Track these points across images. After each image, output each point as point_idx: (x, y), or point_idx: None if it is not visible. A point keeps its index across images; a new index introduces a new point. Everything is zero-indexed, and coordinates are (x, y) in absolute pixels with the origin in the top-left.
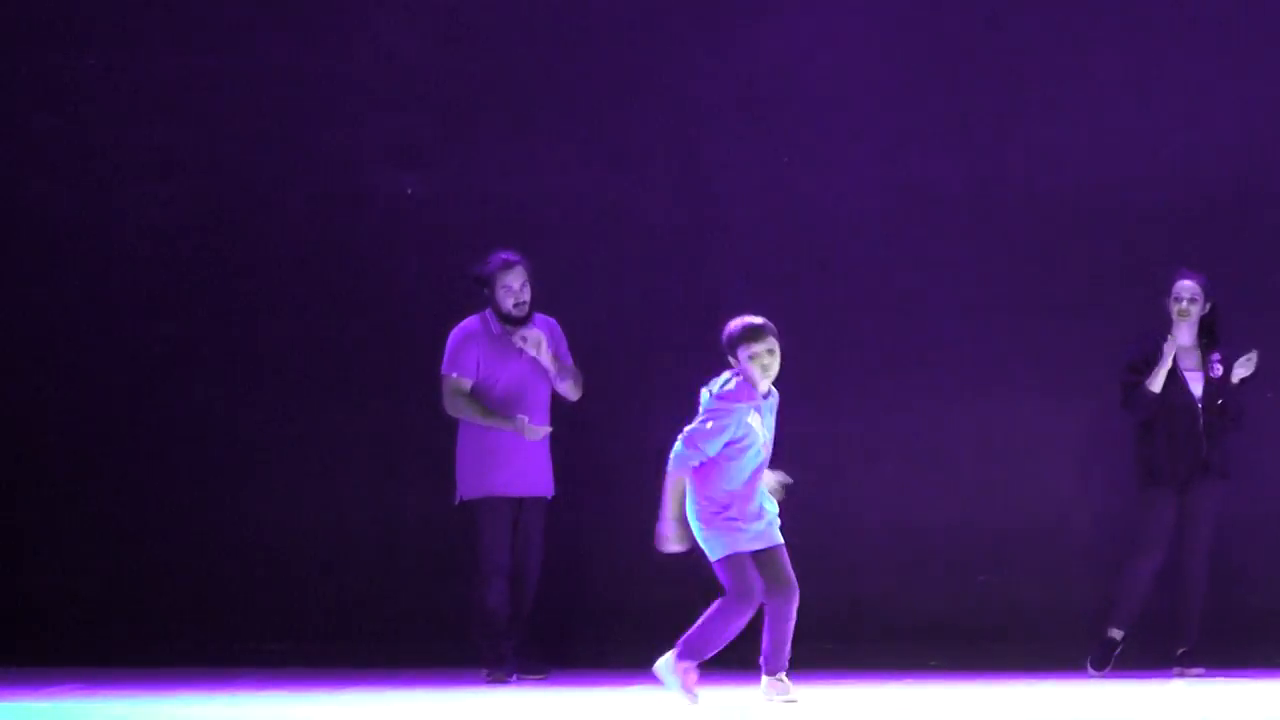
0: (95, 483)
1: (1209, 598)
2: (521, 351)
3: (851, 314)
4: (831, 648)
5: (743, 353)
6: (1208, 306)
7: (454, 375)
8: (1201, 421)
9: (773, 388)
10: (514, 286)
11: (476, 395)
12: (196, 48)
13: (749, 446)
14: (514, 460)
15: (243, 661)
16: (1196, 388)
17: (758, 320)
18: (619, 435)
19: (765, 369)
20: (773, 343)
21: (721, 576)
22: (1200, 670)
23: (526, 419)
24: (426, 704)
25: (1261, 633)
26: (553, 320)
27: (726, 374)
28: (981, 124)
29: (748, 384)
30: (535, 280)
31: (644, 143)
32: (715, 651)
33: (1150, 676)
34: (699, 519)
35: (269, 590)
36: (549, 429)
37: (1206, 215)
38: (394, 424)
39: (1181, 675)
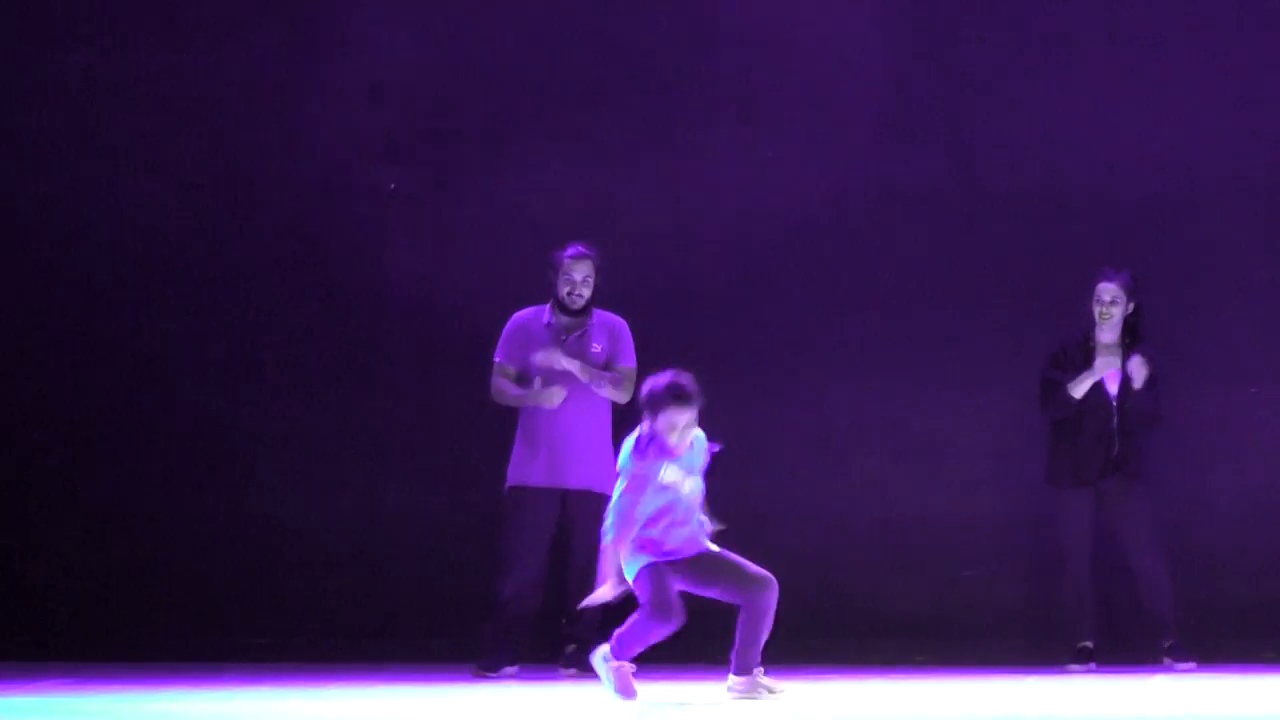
0: (80, 479)
1: (1205, 594)
2: (565, 340)
3: (836, 308)
4: (816, 643)
5: (662, 418)
6: (1131, 307)
7: (498, 361)
8: (1115, 421)
9: (698, 432)
10: (575, 278)
11: (523, 382)
12: (184, 45)
13: (669, 493)
14: (554, 452)
15: (229, 656)
16: (1113, 387)
17: (685, 384)
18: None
19: (681, 438)
20: (694, 412)
21: (637, 588)
22: (1192, 665)
23: (539, 382)
24: (413, 698)
25: (1246, 626)
26: (619, 320)
27: (641, 430)
28: (967, 119)
29: (661, 443)
30: (515, 273)
31: (629, 138)
32: (639, 652)
33: (1138, 671)
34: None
35: (255, 585)
36: (563, 392)
37: (1187, 211)
38: (381, 418)
39: (1170, 669)
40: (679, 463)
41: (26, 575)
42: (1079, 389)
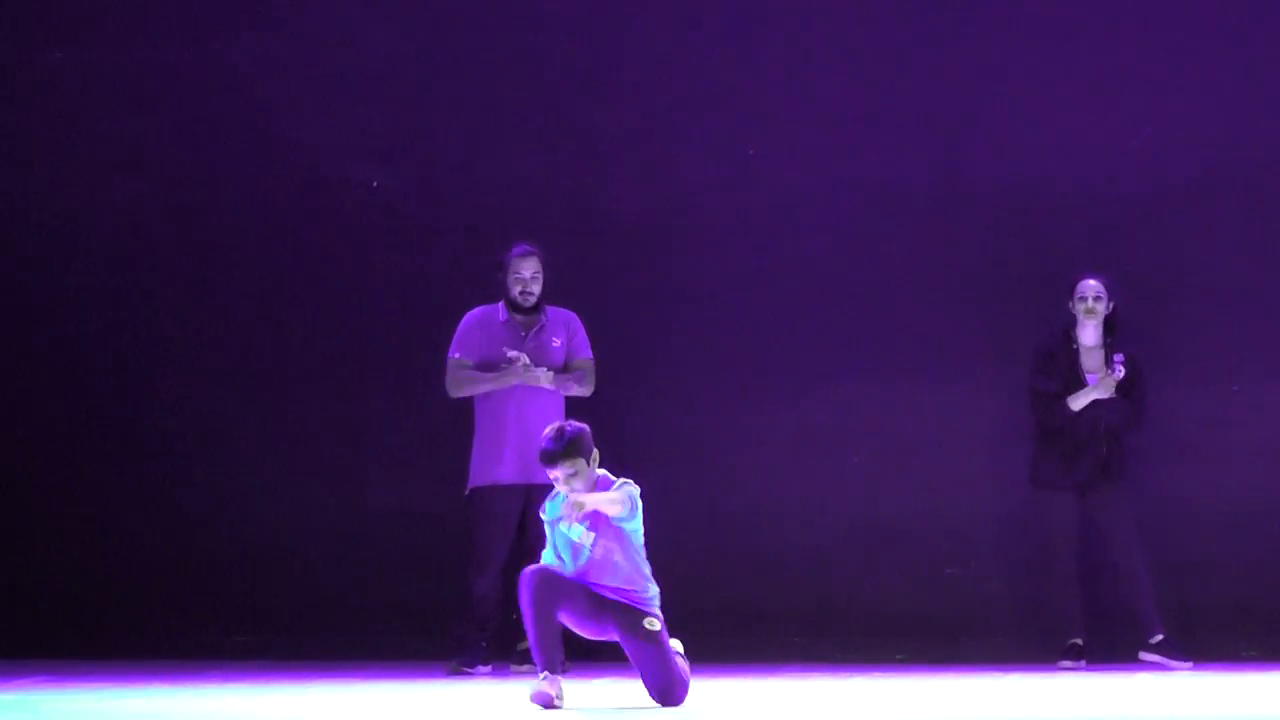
0: (58, 475)
1: (1186, 592)
2: (524, 338)
3: (817, 307)
4: (796, 641)
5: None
6: (1110, 305)
7: (457, 356)
8: (1102, 424)
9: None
10: (525, 275)
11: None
12: (164, 41)
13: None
14: (519, 448)
15: (209, 654)
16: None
17: (548, 443)
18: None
19: (570, 489)
20: (568, 468)
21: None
22: (1189, 664)
23: (521, 357)
24: (393, 696)
25: (1226, 625)
26: (571, 314)
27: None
28: (948, 118)
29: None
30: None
31: (611, 135)
32: (543, 648)
33: (1127, 669)
34: None
35: (235, 582)
36: (549, 374)
37: (1169, 210)
38: (362, 416)
39: (1166, 666)
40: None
41: (3, 573)
42: (1078, 403)
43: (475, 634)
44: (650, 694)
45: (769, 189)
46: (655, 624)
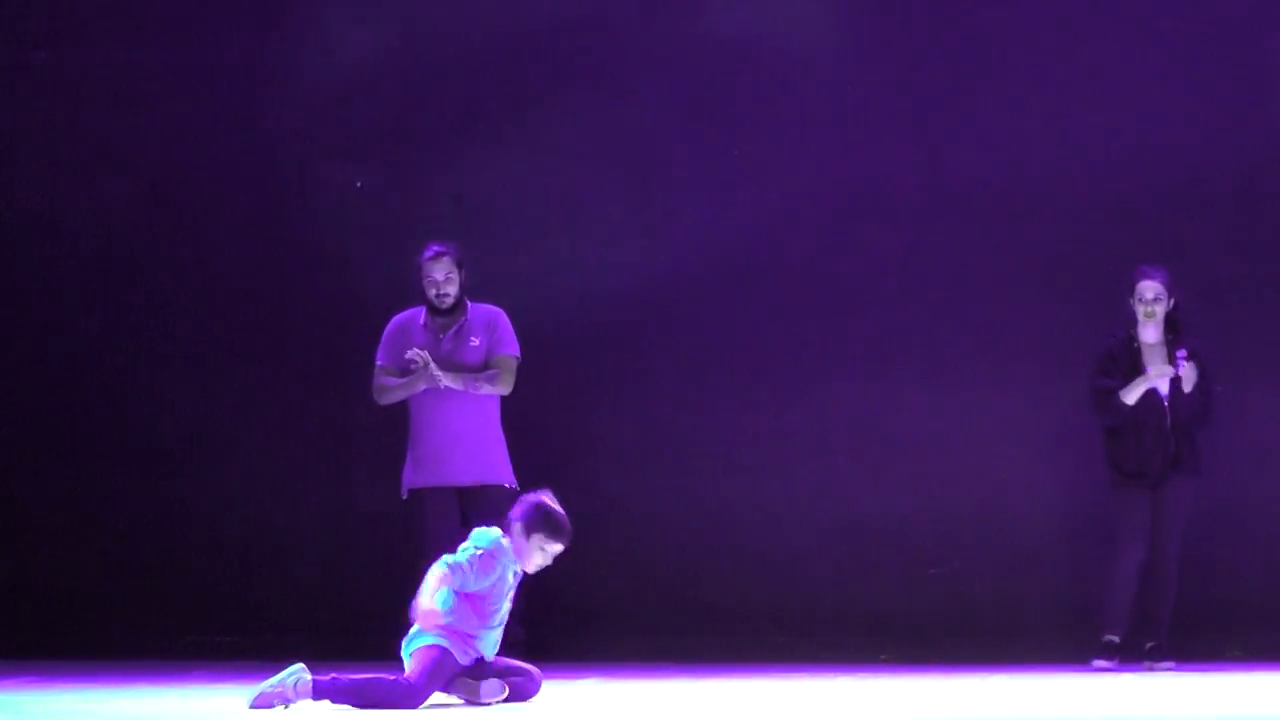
0: (39, 476)
1: (1178, 593)
2: (440, 339)
3: (802, 307)
4: (781, 642)
5: (535, 539)
6: (1171, 303)
7: (380, 364)
8: (1169, 420)
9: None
10: (437, 278)
11: None
12: (147, 42)
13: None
14: (443, 452)
15: (193, 655)
16: (1164, 386)
17: (564, 521)
18: (566, 426)
19: (539, 565)
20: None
21: (420, 657)
22: (1170, 665)
23: (420, 356)
24: None
25: (1226, 626)
26: (496, 310)
27: (499, 535)
28: (933, 117)
29: (512, 555)
30: (485, 272)
31: (594, 135)
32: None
33: (1120, 670)
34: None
35: (219, 583)
36: (455, 375)
37: (1158, 208)
38: (344, 416)
39: (1150, 670)
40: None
41: None
42: (1131, 395)
43: None
44: None
45: (753, 190)
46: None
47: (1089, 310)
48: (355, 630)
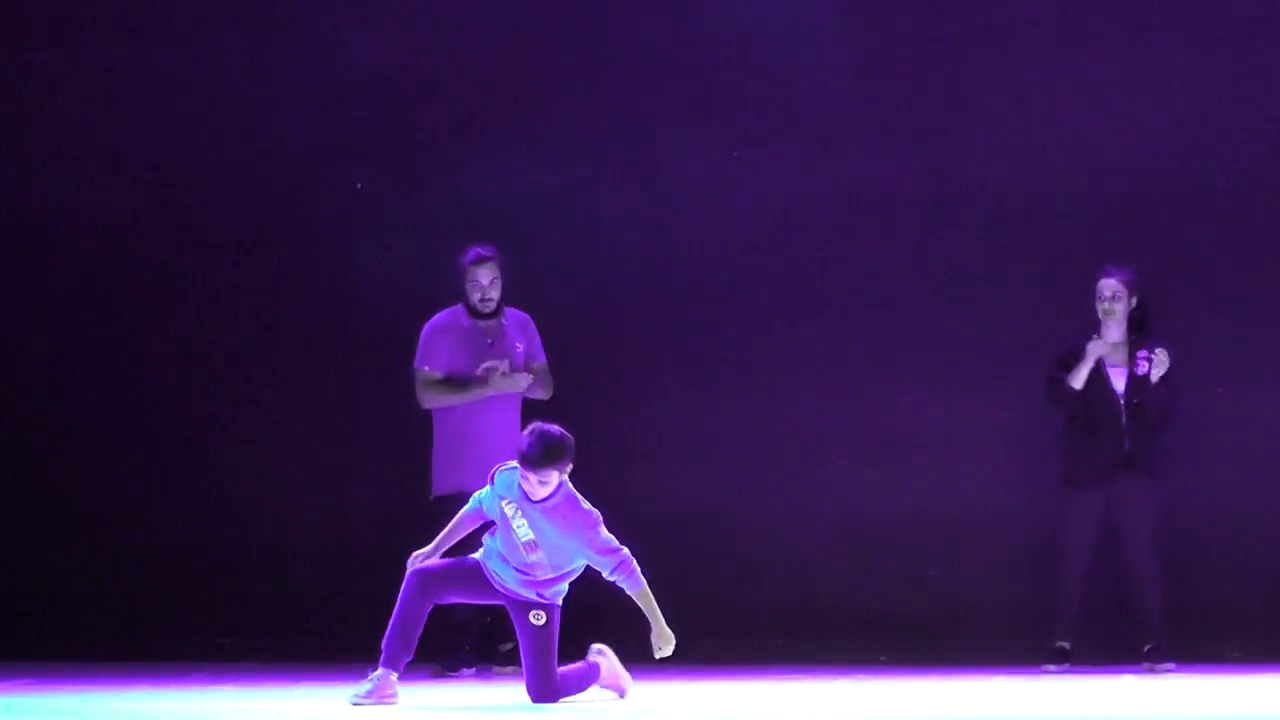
0: (40, 477)
1: (1170, 593)
2: (492, 343)
3: (801, 307)
4: (780, 643)
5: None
6: (1134, 302)
7: (425, 369)
8: (1124, 418)
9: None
10: (482, 282)
11: (448, 386)
12: (147, 42)
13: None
14: (491, 452)
15: (194, 656)
16: (1120, 384)
17: (533, 444)
18: (566, 426)
19: (532, 490)
20: (543, 474)
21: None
22: (1171, 666)
23: (500, 366)
24: None
25: (1226, 627)
26: (525, 316)
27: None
28: (933, 118)
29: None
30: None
31: (596, 136)
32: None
33: (1117, 672)
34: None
35: (220, 584)
36: (530, 376)
37: (1154, 210)
38: (346, 418)
39: (1151, 671)
40: (531, 519)
41: None
42: (1077, 379)
43: (456, 638)
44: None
45: (754, 191)
46: (541, 617)
47: (1089, 311)
48: (357, 632)
